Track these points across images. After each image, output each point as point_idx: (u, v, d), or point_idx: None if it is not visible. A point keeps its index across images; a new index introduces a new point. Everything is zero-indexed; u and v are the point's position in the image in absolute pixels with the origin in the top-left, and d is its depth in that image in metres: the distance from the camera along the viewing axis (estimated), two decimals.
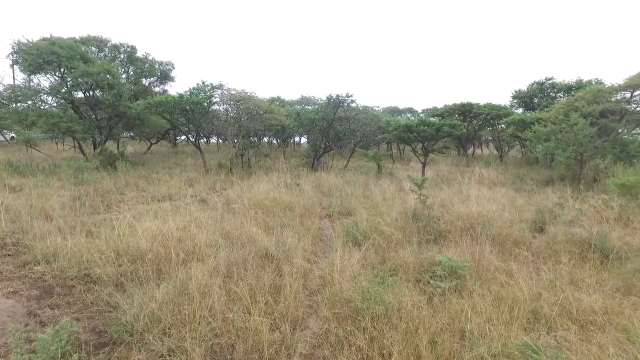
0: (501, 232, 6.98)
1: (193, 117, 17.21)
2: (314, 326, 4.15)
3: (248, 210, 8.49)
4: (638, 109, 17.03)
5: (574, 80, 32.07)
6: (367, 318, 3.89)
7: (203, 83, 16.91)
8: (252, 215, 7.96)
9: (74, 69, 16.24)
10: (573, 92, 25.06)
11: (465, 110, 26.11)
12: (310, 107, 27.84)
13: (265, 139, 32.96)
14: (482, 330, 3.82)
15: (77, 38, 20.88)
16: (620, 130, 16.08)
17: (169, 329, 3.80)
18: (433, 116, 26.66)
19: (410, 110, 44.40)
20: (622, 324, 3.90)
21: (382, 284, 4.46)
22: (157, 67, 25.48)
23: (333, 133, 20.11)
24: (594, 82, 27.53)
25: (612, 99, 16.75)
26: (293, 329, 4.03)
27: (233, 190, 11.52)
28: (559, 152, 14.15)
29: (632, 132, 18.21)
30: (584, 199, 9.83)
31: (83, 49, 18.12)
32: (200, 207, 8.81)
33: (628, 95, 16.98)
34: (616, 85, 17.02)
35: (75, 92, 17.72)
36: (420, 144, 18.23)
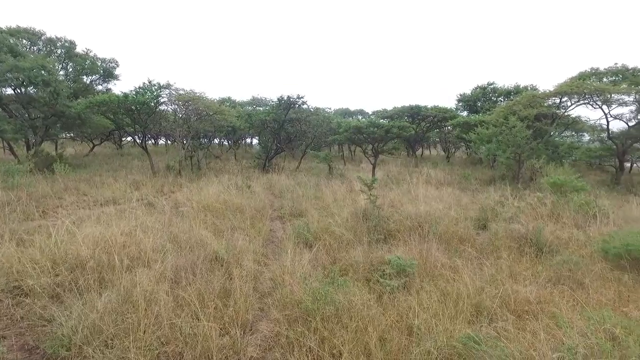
0: (447, 230, 7.25)
1: (139, 117, 16.52)
2: (264, 329, 4.10)
3: (197, 213, 8.27)
4: (566, 113, 18.36)
5: (512, 86, 33.96)
6: (317, 318, 3.90)
7: (150, 82, 16.29)
8: (202, 219, 7.76)
9: (1, 62, 15.01)
10: (512, 97, 26.53)
11: (414, 113, 26.95)
12: (261, 109, 27.63)
13: (216, 141, 32.29)
14: (429, 326, 3.94)
15: (4, 28, 19.20)
16: (552, 132, 17.23)
17: (111, 340, 3.61)
18: (383, 118, 27.29)
19: (361, 112, 45.23)
20: (552, 311, 4.18)
21: (333, 284, 4.49)
22: (99, 64, 24.22)
23: (284, 134, 20.06)
24: (529, 88, 29.31)
25: (545, 104, 17.92)
26: (243, 332, 3.97)
27: (182, 193, 11.18)
28: (500, 153, 14.95)
29: (562, 134, 19.60)
30: (522, 197, 10.44)
31: (12, 41, 16.82)
32: (147, 211, 8.46)
33: (558, 100, 18.24)
34: (547, 91, 18.23)
35: (4, 89, 16.45)
36: (371, 145, 18.59)
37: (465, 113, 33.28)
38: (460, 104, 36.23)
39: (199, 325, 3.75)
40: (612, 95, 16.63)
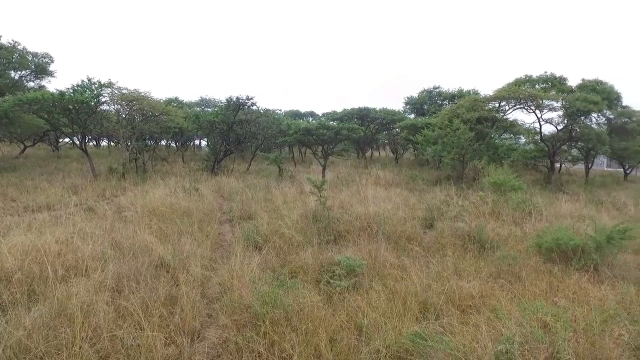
0: (396, 229, 7.43)
1: (78, 117, 15.57)
2: (212, 336, 3.99)
3: (142, 217, 7.93)
4: (504, 117, 19.48)
5: (456, 90, 35.54)
6: (267, 322, 3.85)
7: (89, 80, 15.41)
8: (147, 223, 7.44)
9: None
10: (456, 100, 27.72)
11: (363, 115, 27.48)
12: (210, 110, 27.02)
13: (163, 142, 31.17)
14: (378, 324, 4.01)
15: None
16: (492, 135, 18.21)
17: (40, 359, 3.34)
18: (333, 120, 27.59)
19: (312, 114, 45.43)
20: (493, 304, 4.39)
21: (282, 287, 4.46)
22: (30, 58, 22.58)
23: (234, 136, 19.73)
24: (472, 92, 30.76)
25: (486, 108, 18.91)
26: (191, 340, 3.84)
27: (126, 196, 10.67)
28: (445, 154, 15.58)
29: (501, 137, 20.78)
30: (466, 196, 10.93)
31: None
32: (86, 217, 8.00)
33: (497, 105, 19.31)
34: (488, 96, 19.26)
35: None
36: (320, 147, 18.72)
37: (412, 116, 34.40)
38: (408, 106, 37.39)
39: (143, 336, 3.58)
40: (543, 100, 17.84)
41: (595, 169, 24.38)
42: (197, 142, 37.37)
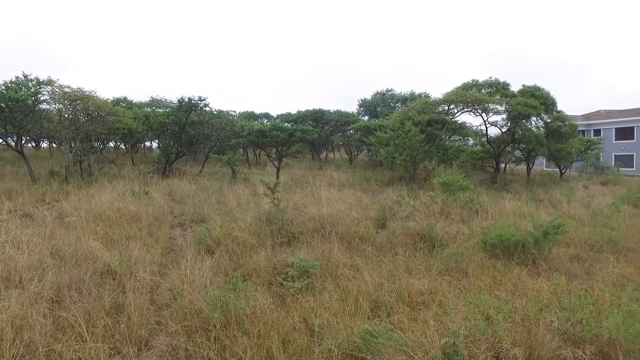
0: (349, 230, 7.54)
1: (12, 117, 14.53)
2: (161, 343, 3.88)
3: (87, 223, 7.55)
4: (453, 119, 20.31)
5: (408, 93, 36.56)
6: (218, 327, 3.80)
7: (25, 77, 14.46)
8: (92, 229, 7.11)
9: None
10: (408, 103, 28.55)
11: (318, 117, 27.66)
12: (161, 110, 26.19)
13: (111, 144, 29.82)
14: (330, 324, 4.06)
15: None
16: (442, 137, 18.91)
17: None
18: (287, 122, 27.57)
19: (267, 116, 45.13)
20: (441, 300, 4.56)
21: (235, 291, 4.41)
22: None
23: (186, 137, 19.25)
24: (423, 95, 31.76)
25: (436, 111, 19.62)
26: (138, 350, 3.71)
27: (69, 201, 10.12)
28: (397, 156, 15.99)
29: (451, 138, 21.63)
30: (417, 196, 11.28)
31: None
32: (22, 224, 7.50)
33: (446, 108, 20.10)
34: (438, 99, 19.99)
35: None
36: (275, 149, 18.65)
37: (366, 118, 35.04)
38: (362, 109, 38.04)
39: (85, 348, 3.42)
40: (489, 104, 18.77)
41: (535, 169, 25.88)
42: (147, 143, 36.11)
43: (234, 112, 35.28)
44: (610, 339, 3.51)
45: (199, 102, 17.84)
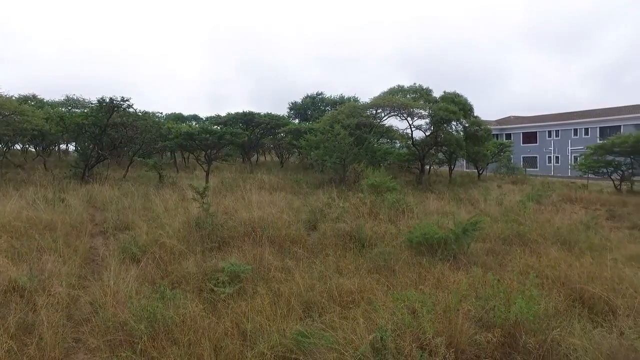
0: (280, 233, 7.55)
1: None
2: None
3: None
4: (381, 123, 21.13)
5: (338, 96, 37.34)
6: (144, 339, 3.63)
7: None
8: None
9: None
10: (337, 106, 29.15)
11: (248, 119, 27.30)
12: (78, 111, 24.37)
13: (18, 147, 27.15)
14: (262, 328, 4.05)
15: None
16: (370, 139, 19.57)
17: None
18: (216, 124, 26.94)
19: (195, 118, 43.70)
20: (370, 297, 4.73)
21: (162, 299, 4.25)
22: None
23: (108, 140, 18.07)
24: (352, 99, 32.60)
25: (364, 114, 20.28)
26: None
27: None
28: (327, 158, 16.27)
29: (379, 141, 22.46)
30: (347, 198, 11.56)
31: None
32: None
33: (374, 111, 20.85)
34: (366, 103, 20.69)
35: None
36: (204, 152, 18.14)
37: (296, 121, 35.25)
38: (292, 111, 38.20)
39: None
40: (414, 109, 19.78)
41: (456, 170, 27.65)
42: (63, 146, 33.29)
43: (161, 113, 33.77)
44: (516, 322, 3.89)
45: (121, 102, 16.80)
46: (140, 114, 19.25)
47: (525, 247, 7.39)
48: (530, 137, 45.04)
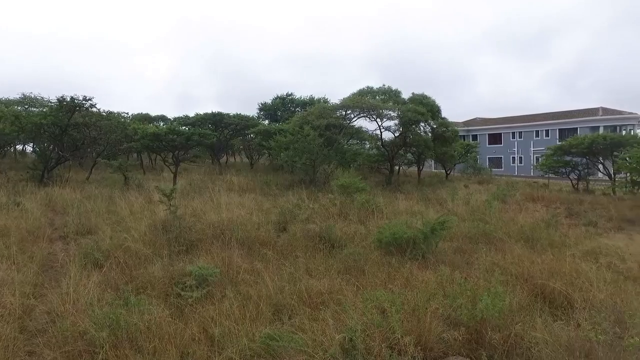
0: (250, 235, 7.45)
1: None
2: None
3: None
4: (350, 124, 21.27)
5: (308, 97, 37.35)
6: (106, 347, 3.49)
7: None
8: None
9: None
10: (307, 108, 29.15)
11: (217, 120, 26.89)
12: (36, 110, 23.33)
13: None
14: (231, 332, 3.97)
15: None
16: (340, 141, 19.65)
17: None
18: (185, 125, 26.39)
19: (163, 118, 42.68)
20: (339, 298, 4.73)
21: (126, 306, 4.09)
22: None
23: (69, 141, 17.34)
24: (322, 100, 32.67)
25: (334, 116, 20.35)
26: None
27: None
28: (297, 159, 16.22)
29: (348, 142, 22.59)
30: (317, 199, 11.56)
31: None
32: None
33: (344, 113, 20.97)
34: (335, 104, 20.78)
35: None
36: (171, 153, 17.73)
37: (266, 122, 35.02)
38: (262, 112, 37.92)
39: None
40: (383, 110, 20.01)
41: (425, 171, 28.15)
42: (19, 147, 31.71)
43: (127, 114, 32.75)
44: (482, 318, 3.97)
45: (83, 102, 16.17)
46: (104, 114, 18.62)
47: (491, 245, 7.58)
48: (495, 138, 46.49)
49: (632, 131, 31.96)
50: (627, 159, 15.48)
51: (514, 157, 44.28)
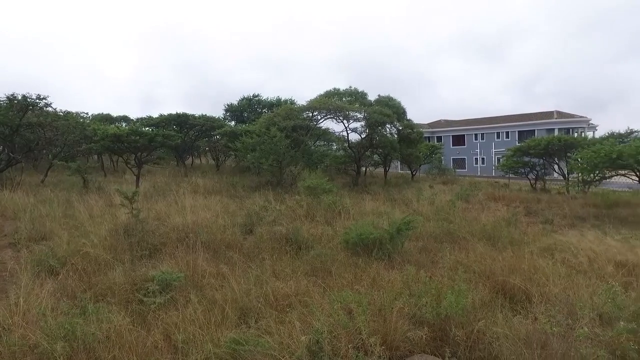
0: (215, 237, 7.32)
1: None
2: None
3: None
4: (317, 125, 21.30)
5: (275, 98, 37.17)
6: None
7: None
8: None
9: None
10: (274, 109, 28.97)
11: (182, 121, 26.30)
12: None
13: None
14: (195, 338, 3.87)
15: None
16: (307, 142, 19.64)
17: None
18: (148, 126, 25.65)
19: (125, 119, 41.35)
20: (306, 300, 4.70)
21: (84, 315, 3.92)
22: None
23: (22, 142, 16.47)
24: (288, 102, 32.57)
25: (301, 117, 20.32)
26: None
27: None
28: (264, 161, 16.07)
29: (315, 144, 22.62)
30: (284, 201, 11.49)
31: None
32: None
33: (310, 114, 20.97)
34: (302, 105, 20.75)
35: None
36: (134, 155, 17.17)
37: (233, 123, 34.58)
38: (228, 113, 37.41)
39: None
40: (349, 112, 20.14)
41: (391, 172, 28.55)
42: None
43: (86, 114, 31.55)
44: (447, 316, 4.06)
45: (37, 100, 15.40)
46: (61, 113, 17.84)
47: (455, 244, 7.76)
48: (459, 140, 47.81)
49: (583, 134, 33.64)
50: (579, 159, 16.27)
51: (477, 158, 45.67)
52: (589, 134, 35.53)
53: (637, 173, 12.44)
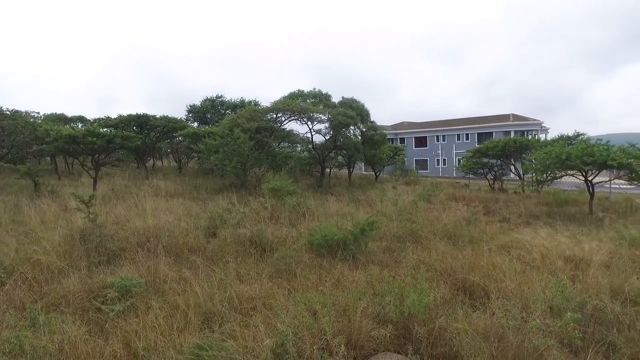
0: (177, 241, 7.14)
1: None
2: None
3: None
4: (281, 127, 21.23)
5: (238, 100, 36.75)
6: None
7: None
8: None
9: None
10: (237, 110, 28.61)
11: (142, 122, 25.47)
12: None
13: None
14: (157, 345, 3.77)
15: None
16: (271, 144, 19.53)
17: None
18: (107, 127, 24.67)
19: (81, 119, 39.63)
20: (271, 303, 4.67)
21: (34, 327, 3.72)
22: None
23: None
24: (252, 103, 32.28)
25: (264, 118, 20.18)
26: None
27: None
28: (227, 163, 15.85)
29: (280, 145, 22.55)
30: (248, 203, 11.36)
31: None
32: None
33: (275, 115, 20.88)
34: (266, 107, 20.62)
35: None
36: (91, 157, 16.48)
37: (195, 124, 33.88)
38: (191, 115, 36.65)
39: None
40: (314, 114, 20.19)
41: (355, 173, 28.86)
42: None
43: (37, 113, 30.03)
44: (409, 314, 4.14)
45: None
46: (8, 112, 16.90)
47: (417, 243, 7.94)
48: (421, 141, 48.97)
49: (536, 136, 35.23)
50: (533, 160, 17.05)
51: (439, 159, 46.91)
52: (542, 136, 37.28)
53: (583, 173, 13.15)
